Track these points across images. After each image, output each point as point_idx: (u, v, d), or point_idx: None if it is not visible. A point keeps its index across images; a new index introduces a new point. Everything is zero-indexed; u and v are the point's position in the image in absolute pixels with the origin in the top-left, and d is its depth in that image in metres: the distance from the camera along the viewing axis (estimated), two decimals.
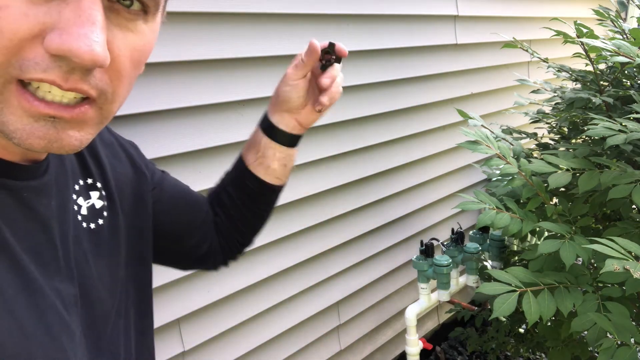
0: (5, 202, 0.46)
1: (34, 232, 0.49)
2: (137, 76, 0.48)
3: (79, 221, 0.57)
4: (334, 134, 1.58)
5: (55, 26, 0.38)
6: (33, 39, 0.38)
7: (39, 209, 0.49)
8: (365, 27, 1.61)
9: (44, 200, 0.50)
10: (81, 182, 0.59)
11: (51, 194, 0.52)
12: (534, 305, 1.07)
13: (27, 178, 0.48)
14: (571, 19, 1.51)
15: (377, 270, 1.88)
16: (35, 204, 0.49)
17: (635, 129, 1.12)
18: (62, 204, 0.54)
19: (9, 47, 0.37)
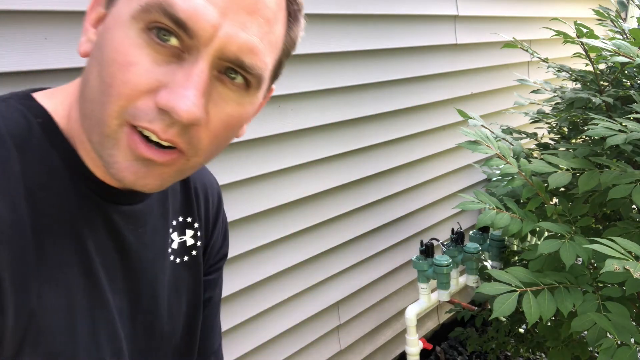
0: (94, 219, 0.52)
1: (111, 250, 0.55)
2: (230, 139, 0.53)
3: (169, 253, 0.64)
4: (334, 134, 1.58)
5: (168, 85, 0.45)
6: (148, 93, 0.45)
7: (123, 232, 0.55)
8: (366, 27, 1.61)
9: (131, 226, 0.57)
10: (180, 218, 0.65)
11: (141, 222, 0.58)
12: (534, 305, 1.07)
13: (121, 203, 0.55)
14: (571, 19, 1.51)
15: (377, 270, 1.88)
16: (120, 226, 0.55)
17: (635, 129, 1.12)
18: (153, 233, 0.60)
19: (130, 96, 0.44)
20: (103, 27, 0.47)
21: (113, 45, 0.44)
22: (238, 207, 1.36)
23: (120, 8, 0.45)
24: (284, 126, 1.42)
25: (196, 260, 0.68)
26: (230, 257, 1.36)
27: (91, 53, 0.48)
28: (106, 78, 0.44)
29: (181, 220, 0.66)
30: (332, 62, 1.53)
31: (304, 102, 1.47)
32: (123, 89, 0.44)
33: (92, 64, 0.47)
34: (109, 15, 0.47)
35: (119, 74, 0.44)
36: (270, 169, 1.41)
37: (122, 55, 0.44)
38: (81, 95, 0.49)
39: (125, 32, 0.44)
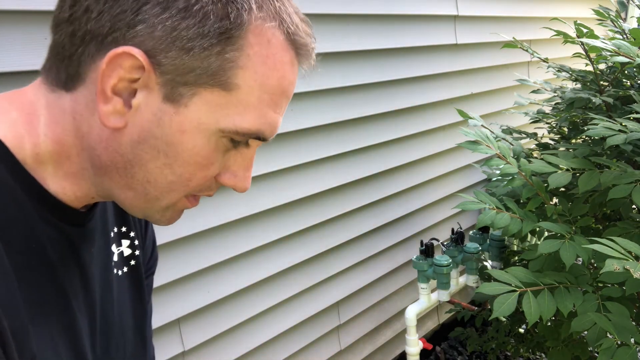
0: (62, 245, 0.52)
1: (76, 276, 0.55)
2: None
3: (112, 267, 0.63)
4: (334, 134, 1.58)
5: (229, 168, 0.53)
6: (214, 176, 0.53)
7: (81, 254, 0.55)
8: (366, 27, 1.61)
9: (87, 246, 0.56)
10: (116, 229, 0.65)
11: (93, 240, 0.58)
12: (534, 305, 1.07)
13: (80, 224, 0.54)
14: (571, 19, 1.51)
15: (377, 270, 1.88)
16: (80, 249, 0.55)
17: (635, 129, 1.12)
18: (100, 249, 0.60)
19: (202, 184, 0.52)
20: (170, 123, 0.47)
21: (197, 151, 0.49)
22: (238, 207, 1.36)
23: (200, 115, 0.47)
24: (284, 126, 1.42)
25: (136, 270, 0.67)
26: (230, 257, 1.36)
27: (138, 135, 0.47)
28: (185, 175, 0.50)
29: (116, 231, 0.64)
30: (332, 62, 1.53)
31: (303, 102, 1.47)
32: (200, 181, 0.52)
33: (151, 153, 0.48)
34: (180, 115, 0.47)
35: (200, 172, 0.51)
36: (270, 169, 1.41)
37: (205, 158, 0.50)
38: (120, 169, 0.49)
39: (209, 140, 0.49)
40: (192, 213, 1.26)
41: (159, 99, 0.46)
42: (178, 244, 1.25)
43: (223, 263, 1.36)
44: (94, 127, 0.48)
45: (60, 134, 0.49)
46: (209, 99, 0.47)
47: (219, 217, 1.32)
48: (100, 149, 0.48)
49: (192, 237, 1.28)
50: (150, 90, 0.46)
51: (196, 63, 0.45)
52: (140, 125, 0.47)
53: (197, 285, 1.31)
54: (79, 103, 0.48)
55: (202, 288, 1.32)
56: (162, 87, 0.46)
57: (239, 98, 0.48)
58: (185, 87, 0.46)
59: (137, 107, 0.47)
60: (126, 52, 0.44)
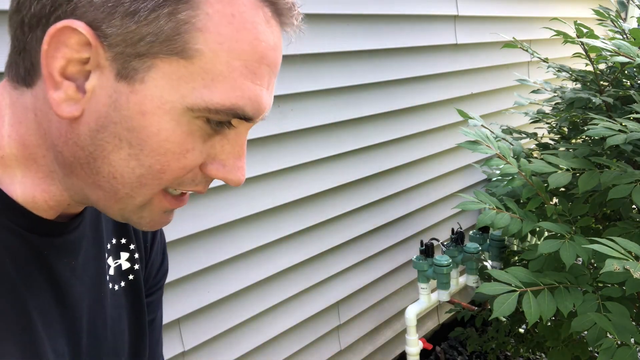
0: (25, 258, 0.46)
1: (45, 290, 0.48)
2: None
3: (107, 281, 0.57)
4: (334, 134, 1.58)
5: (217, 157, 0.46)
6: (196, 167, 0.46)
7: (56, 268, 0.49)
8: (366, 27, 1.61)
9: (65, 259, 0.50)
10: (114, 240, 0.59)
11: (76, 252, 0.52)
12: (534, 305, 1.07)
13: (53, 235, 0.49)
14: (571, 19, 1.51)
15: (377, 270, 1.88)
16: (53, 261, 0.49)
17: (635, 129, 1.12)
18: (89, 262, 0.54)
19: (180, 176, 0.45)
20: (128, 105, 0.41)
21: (165, 136, 0.42)
22: (238, 207, 1.36)
23: (161, 92, 0.41)
24: (284, 126, 1.42)
25: (135, 285, 0.62)
26: (230, 257, 1.36)
27: (95, 123, 0.42)
28: (156, 165, 0.43)
29: (115, 243, 0.59)
30: (332, 62, 1.53)
31: (304, 102, 1.47)
32: (176, 173, 0.44)
33: (113, 142, 0.42)
34: (138, 94, 0.41)
35: (175, 162, 0.43)
36: (270, 169, 1.41)
37: (177, 145, 0.43)
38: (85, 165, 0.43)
39: (178, 121, 0.42)
40: (192, 213, 1.26)
41: (112, 77, 0.40)
42: (178, 244, 1.25)
43: (223, 263, 1.36)
44: (53, 121, 0.43)
45: (25, 134, 0.44)
46: (167, 71, 0.40)
47: (218, 217, 1.32)
48: (61, 144, 0.43)
49: (192, 237, 1.28)
50: (102, 68, 0.40)
51: (145, 29, 0.39)
52: (97, 110, 0.41)
53: (197, 285, 1.31)
54: (39, 98, 0.42)
55: (202, 288, 1.32)
56: (113, 62, 0.40)
57: (203, 67, 0.41)
58: (138, 60, 0.40)
59: (92, 91, 0.41)
60: (66, 26, 0.38)
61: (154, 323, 0.69)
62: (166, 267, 0.71)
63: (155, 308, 0.70)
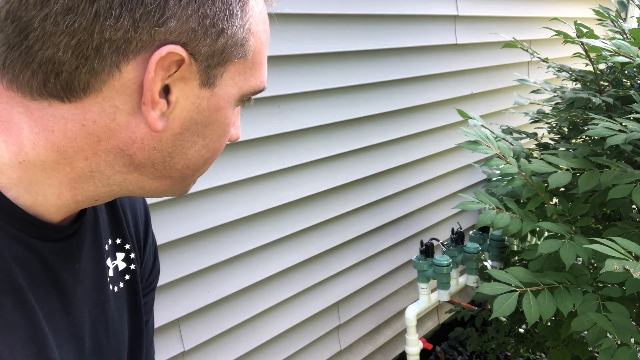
0: (32, 265, 0.47)
1: (52, 297, 0.49)
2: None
3: (107, 283, 0.58)
4: (334, 134, 1.58)
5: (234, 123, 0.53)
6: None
7: (60, 273, 0.50)
8: (365, 27, 1.61)
9: (68, 264, 0.51)
10: (110, 241, 0.60)
11: (77, 256, 0.53)
12: (534, 305, 1.07)
13: (55, 239, 0.49)
14: (571, 19, 1.51)
15: (377, 270, 1.88)
16: (57, 267, 0.50)
17: (635, 129, 1.12)
18: (89, 265, 0.55)
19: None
20: (209, 106, 0.47)
21: (224, 123, 0.50)
22: (237, 207, 1.36)
23: (228, 89, 0.48)
24: (284, 126, 1.42)
25: (133, 285, 0.63)
26: (230, 257, 1.36)
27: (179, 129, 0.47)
28: (217, 147, 0.51)
29: (111, 244, 0.60)
30: (332, 62, 1.53)
31: (304, 102, 1.47)
32: (224, 146, 0.53)
33: (192, 139, 0.48)
34: (215, 96, 0.47)
35: (226, 139, 0.52)
36: (270, 169, 1.41)
37: (229, 126, 0.51)
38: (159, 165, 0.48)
39: (232, 108, 0.50)
40: (192, 213, 1.26)
41: (196, 87, 0.46)
42: (178, 244, 1.25)
43: (223, 263, 1.36)
44: (119, 131, 0.45)
45: (60, 141, 0.45)
46: (234, 71, 0.48)
47: (219, 217, 1.32)
48: (133, 150, 0.46)
49: (192, 237, 1.28)
50: (187, 81, 0.45)
51: (227, 42, 0.45)
52: (181, 117, 0.46)
53: (197, 285, 1.31)
54: (90, 111, 0.44)
55: (202, 288, 1.32)
56: (199, 75, 0.45)
57: (253, 61, 0.49)
58: (217, 68, 0.46)
59: (176, 102, 0.45)
60: (171, 52, 0.42)
61: (147, 325, 0.69)
62: (158, 268, 0.72)
63: (149, 309, 0.70)
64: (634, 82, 1.54)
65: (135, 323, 0.63)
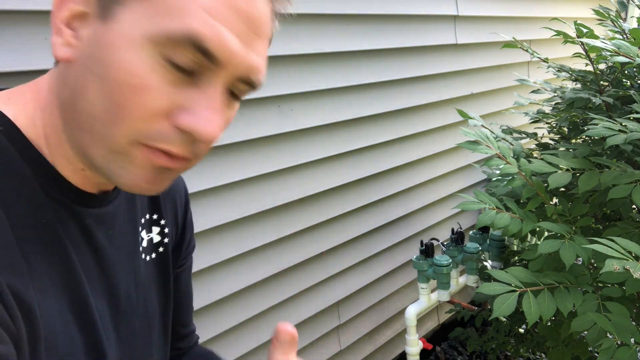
0: (70, 226, 0.52)
1: (88, 255, 0.55)
2: None
3: (140, 252, 0.64)
4: (334, 134, 1.58)
5: (188, 108, 0.45)
6: (164, 115, 0.45)
7: (96, 235, 0.55)
8: (365, 27, 1.61)
9: (103, 228, 0.56)
10: (147, 216, 0.66)
11: (112, 223, 0.58)
12: (534, 305, 1.07)
13: (92, 206, 0.55)
14: (571, 19, 1.51)
15: (377, 270, 1.88)
16: (93, 229, 0.55)
17: (635, 129, 1.12)
18: (123, 234, 0.60)
19: (145, 119, 0.45)
20: (99, 39, 0.45)
21: (125, 66, 0.43)
22: (238, 207, 1.36)
23: (127, 26, 0.43)
24: (284, 126, 1.42)
25: (164, 257, 0.69)
26: (230, 257, 1.36)
27: (79, 62, 0.46)
28: (116, 98, 0.44)
29: (148, 218, 0.66)
30: (332, 62, 1.53)
31: (304, 102, 1.47)
32: (138, 112, 0.44)
33: (87, 77, 0.45)
34: (109, 29, 0.44)
35: (133, 97, 0.44)
36: (270, 169, 1.41)
37: (137, 78, 0.43)
38: (70, 105, 0.47)
39: (139, 54, 0.43)
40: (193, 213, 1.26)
41: (94, 19, 0.45)
42: None
43: (223, 263, 1.36)
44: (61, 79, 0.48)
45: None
46: (134, 8, 0.43)
47: (219, 217, 1.32)
48: (63, 94, 0.48)
49: None
50: (92, 16, 0.45)
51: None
52: (82, 50, 0.45)
53: (196, 285, 1.31)
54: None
55: (202, 288, 1.32)
56: (96, 6, 0.45)
57: (166, 2, 0.43)
58: (114, 1, 0.44)
59: (82, 35, 0.46)
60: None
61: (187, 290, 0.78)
62: (194, 241, 0.78)
63: (188, 273, 0.77)
64: (634, 82, 1.54)
65: (165, 290, 0.69)
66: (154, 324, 0.67)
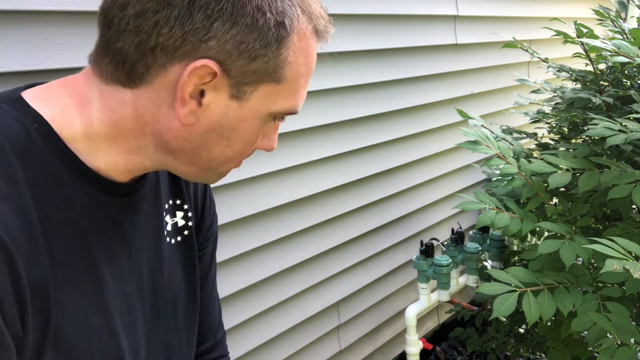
0: (95, 214, 0.58)
1: (115, 241, 0.61)
2: None
3: (164, 236, 0.70)
4: (334, 134, 1.58)
5: (266, 135, 0.64)
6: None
7: (121, 222, 0.61)
8: (366, 27, 1.61)
9: (129, 215, 0.62)
10: (171, 201, 0.72)
11: (138, 210, 0.64)
12: (534, 305, 1.07)
13: (119, 194, 0.60)
14: (571, 19, 1.51)
15: (377, 270, 1.88)
16: (119, 217, 0.61)
17: (635, 129, 1.12)
18: (149, 219, 0.67)
19: (250, 154, 0.65)
20: (235, 115, 0.57)
21: (251, 132, 0.60)
22: (238, 206, 1.36)
23: (256, 106, 0.58)
24: (284, 126, 1.42)
25: (189, 240, 0.75)
26: (231, 257, 1.36)
27: (204, 126, 0.57)
28: (240, 150, 0.62)
29: (171, 203, 0.73)
30: (332, 62, 1.53)
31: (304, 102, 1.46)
32: (250, 152, 0.63)
33: (213, 137, 0.58)
34: (242, 107, 0.57)
35: (251, 147, 0.62)
36: (271, 168, 1.41)
37: (255, 136, 0.61)
38: (188, 152, 0.59)
39: (258, 122, 0.60)
40: None
41: (226, 97, 0.56)
42: None
43: (223, 263, 1.36)
44: (161, 119, 0.56)
45: (118, 119, 0.57)
46: (264, 92, 0.57)
47: (219, 216, 1.32)
48: (169, 137, 0.58)
49: None
50: (219, 90, 0.55)
51: (259, 66, 0.55)
52: (210, 119, 0.57)
53: None
54: (142, 98, 0.56)
55: None
56: (229, 88, 0.55)
57: (286, 87, 0.58)
58: (248, 86, 0.56)
59: (207, 105, 0.56)
60: (205, 64, 0.52)
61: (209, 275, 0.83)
62: (216, 225, 0.85)
63: (210, 259, 0.83)
64: (634, 82, 1.54)
65: (191, 271, 0.75)
66: (179, 304, 0.72)
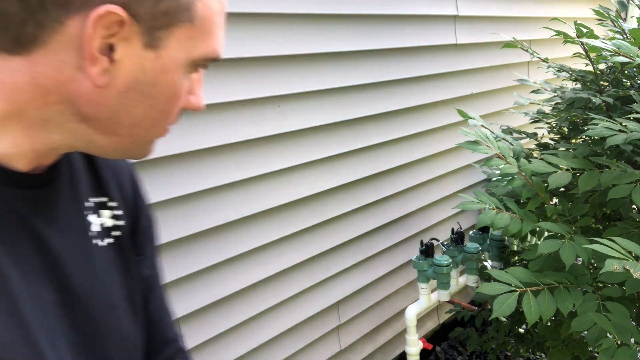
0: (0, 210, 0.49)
1: (21, 240, 0.51)
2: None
3: (89, 236, 0.61)
4: (334, 134, 1.58)
5: (192, 91, 0.56)
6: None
7: (29, 218, 0.52)
8: (365, 27, 1.61)
9: (39, 210, 0.54)
10: (93, 199, 0.63)
11: (51, 205, 0.55)
12: (534, 305, 1.07)
13: (25, 187, 0.52)
14: (571, 19, 1.51)
15: (377, 270, 1.88)
16: (26, 212, 0.52)
17: (635, 129, 1.12)
18: (68, 216, 0.58)
19: (176, 116, 0.56)
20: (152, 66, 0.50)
21: (174, 85, 0.52)
22: (238, 207, 1.36)
23: (173, 52, 0.50)
24: (284, 126, 1.42)
25: (122, 241, 0.66)
26: (230, 257, 1.36)
27: (120, 85, 0.49)
28: (163, 109, 0.53)
29: (95, 202, 0.64)
30: (332, 62, 1.53)
31: (304, 102, 1.47)
32: (175, 114, 0.55)
33: (132, 97, 0.50)
34: (159, 57, 0.50)
35: (175, 105, 0.54)
36: (270, 169, 1.41)
37: (179, 91, 0.53)
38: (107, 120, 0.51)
39: (180, 73, 0.52)
40: (193, 213, 1.26)
41: (140, 47, 0.48)
42: (178, 244, 1.25)
43: (223, 263, 1.36)
44: (67, 84, 0.48)
45: (11, 93, 0.48)
46: (180, 35, 0.50)
47: (219, 217, 1.32)
48: (80, 102, 0.49)
49: (192, 237, 1.28)
50: (130, 41, 0.47)
51: (168, 5, 0.47)
52: (125, 76, 0.49)
53: (197, 285, 1.31)
54: (39, 64, 0.47)
55: (202, 288, 1.32)
56: (141, 35, 0.48)
57: (203, 27, 0.51)
58: (161, 31, 0.48)
59: (120, 60, 0.48)
60: (108, 11, 0.44)
61: (153, 279, 0.73)
62: (155, 229, 0.74)
63: (152, 264, 0.73)
64: (634, 82, 1.54)
65: (128, 276, 0.66)
66: (119, 311, 0.63)
